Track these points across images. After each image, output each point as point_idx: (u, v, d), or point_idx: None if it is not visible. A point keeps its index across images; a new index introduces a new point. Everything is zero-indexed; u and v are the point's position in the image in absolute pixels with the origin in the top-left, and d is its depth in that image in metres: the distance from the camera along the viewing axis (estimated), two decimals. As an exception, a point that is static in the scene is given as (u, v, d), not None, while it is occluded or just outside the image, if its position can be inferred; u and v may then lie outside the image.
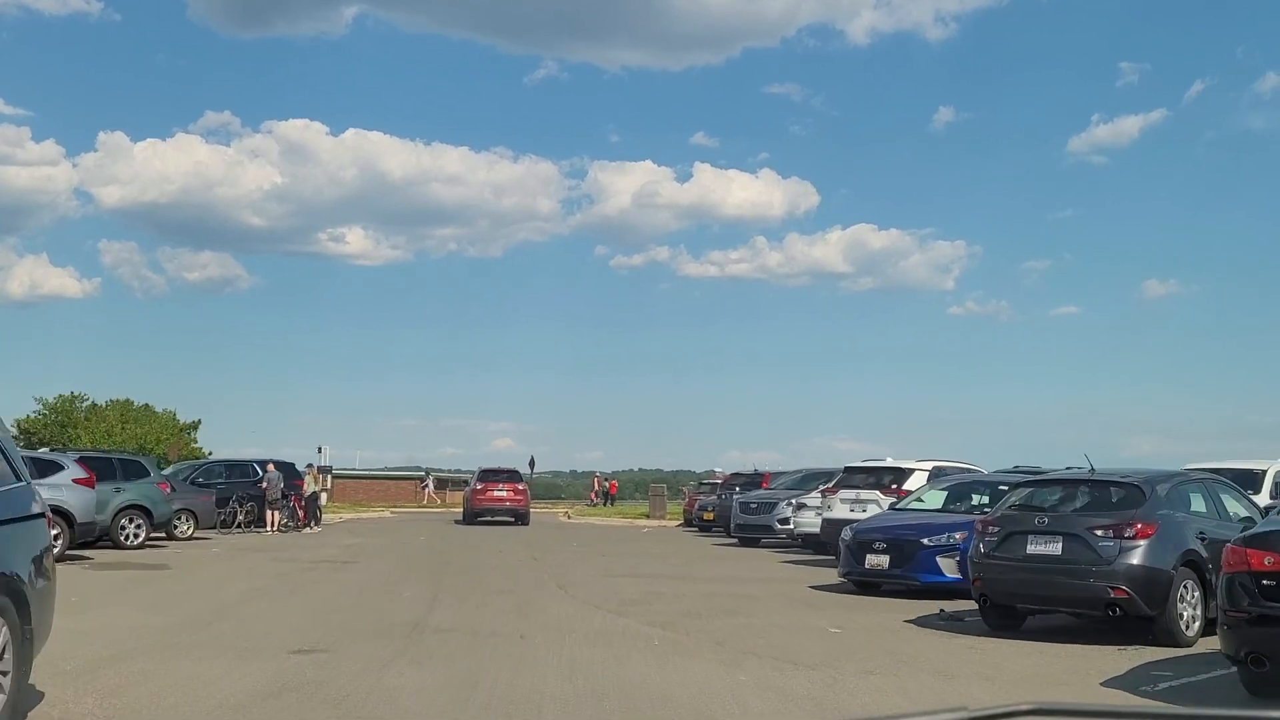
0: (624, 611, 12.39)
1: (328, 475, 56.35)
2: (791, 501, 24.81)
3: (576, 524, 38.55)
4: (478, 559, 20.48)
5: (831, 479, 25.52)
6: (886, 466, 19.37)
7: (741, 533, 25.77)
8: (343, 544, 24.74)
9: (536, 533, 31.01)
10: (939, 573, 13.94)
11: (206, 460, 35.16)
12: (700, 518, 32.90)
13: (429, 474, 62.17)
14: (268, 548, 22.98)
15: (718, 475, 57.09)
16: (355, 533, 30.06)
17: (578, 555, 21.75)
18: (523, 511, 35.16)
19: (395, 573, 17.25)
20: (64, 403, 75.87)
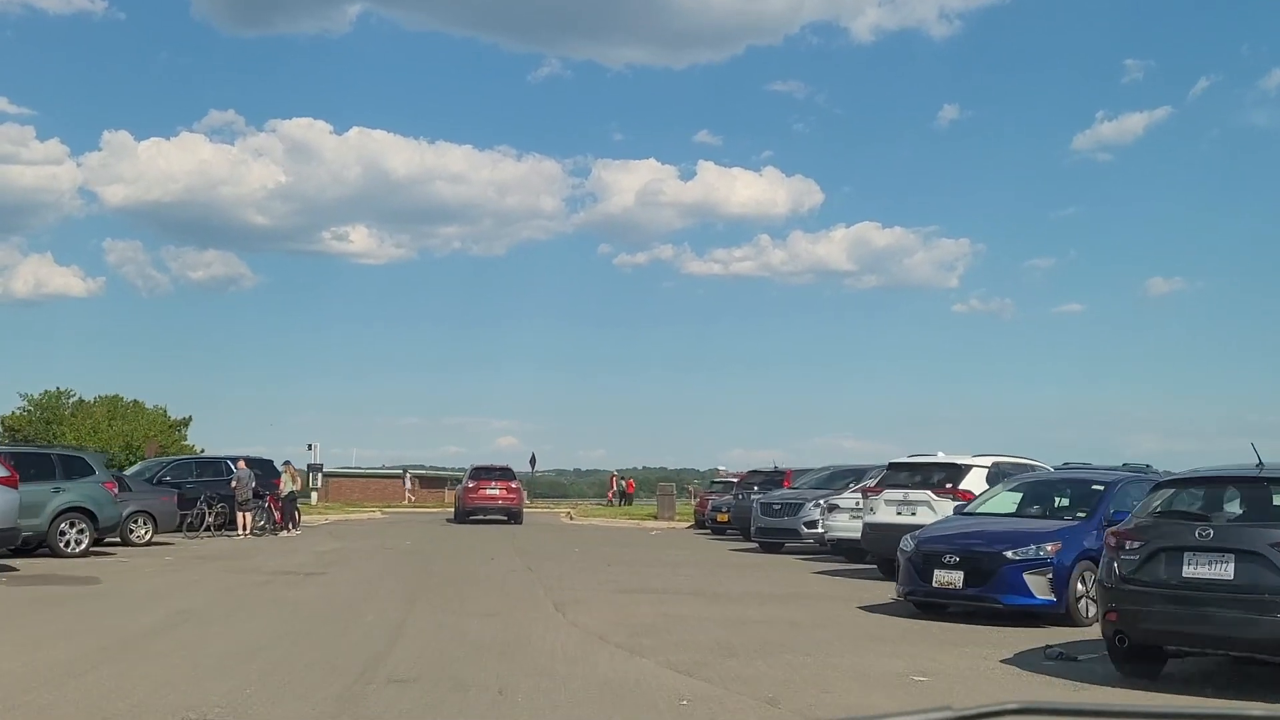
0: (637, 646, 9.72)
1: (318, 473, 54.01)
2: (820, 502, 22.13)
3: (579, 525, 35.89)
4: (464, 568, 17.83)
5: (861, 477, 22.91)
6: (938, 462, 16.68)
7: (763, 537, 23.10)
8: (318, 550, 22.10)
9: (535, 535, 28.38)
10: (1026, 593, 11.27)
11: (176, 457, 32.52)
12: (713, 519, 30.25)
13: (407, 472, 59.39)
14: (230, 555, 20.34)
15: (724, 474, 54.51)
16: (337, 536, 27.42)
17: (579, 564, 19.10)
18: (516, 510, 34.12)
19: (364, 587, 14.59)
20: (50, 399, 73.29)
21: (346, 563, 18.98)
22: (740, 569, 18.60)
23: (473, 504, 34.19)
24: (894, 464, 17.10)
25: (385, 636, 10.13)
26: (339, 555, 20.72)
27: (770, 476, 27.81)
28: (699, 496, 35.57)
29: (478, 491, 34.17)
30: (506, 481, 34.56)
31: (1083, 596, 11.42)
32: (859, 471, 23.61)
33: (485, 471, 35.08)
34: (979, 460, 16.34)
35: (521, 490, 35.99)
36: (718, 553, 23.05)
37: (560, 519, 40.23)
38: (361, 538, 26.66)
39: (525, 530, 31.08)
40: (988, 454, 16.65)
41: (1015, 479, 13.99)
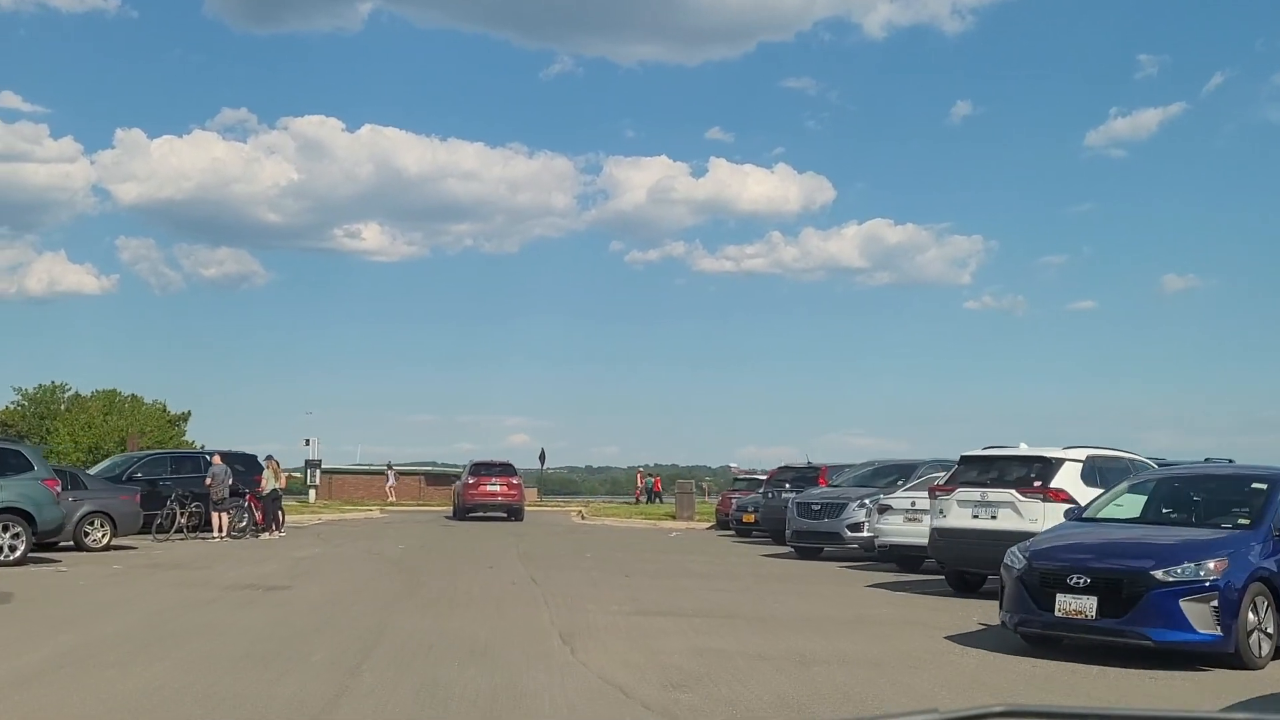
0: (673, 708, 7.03)
1: (315, 470, 51.37)
2: (865, 503, 19.43)
3: (591, 526, 33.21)
4: (457, 581, 15.15)
5: (909, 473, 20.21)
6: (1022, 456, 13.91)
7: (800, 541, 20.36)
8: (295, 555, 19.47)
9: (541, 537, 25.73)
10: (1185, 627, 8.52)
11: (150, 452, 29.91)
12: (738, 520, 27.52)
13: (390, 467, 56.76)
14: (190, 563, 17.71)
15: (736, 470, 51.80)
16: (324, 539, 24.79)
17: (592, 574, 16.40)
18: (517, 507, 33.20)
19: (329, 609, 11.90)
20: (44, 393, 70.98)
21: (320, 573, 16.31)
22: (782, 581, 15.85)
23: (472, 501, 33.02)
24: (967, 458, 14.33)
25: (329, 690, 7.44)
26: (315, 563, 18.06)
27: (803, 473, 25.06)
28: (721, 495, 32.81)
29: (477, 488, 33.03)
30: (507, 477, 33.42)
31: (1254, 630, 8.69)
32: (906, 467, 20.89)
33: (485, 467, 33.80)
34: (1071, 453, 13.58)
35: (522, 487, 34.66)
36: (749, 559, 20.32)
37: (571, 518, 37.57)
38: (350, 540, 24.02)
39: (532, 531, 28.43)
40: (1080, 445, 13.88)
41: (1141, 476, 11.24)
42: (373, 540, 24.18)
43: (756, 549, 22.98)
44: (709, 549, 23.21)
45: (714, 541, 26.05)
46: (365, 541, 23.73)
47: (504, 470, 33.88)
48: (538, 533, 28.18)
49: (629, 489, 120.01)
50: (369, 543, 23.28)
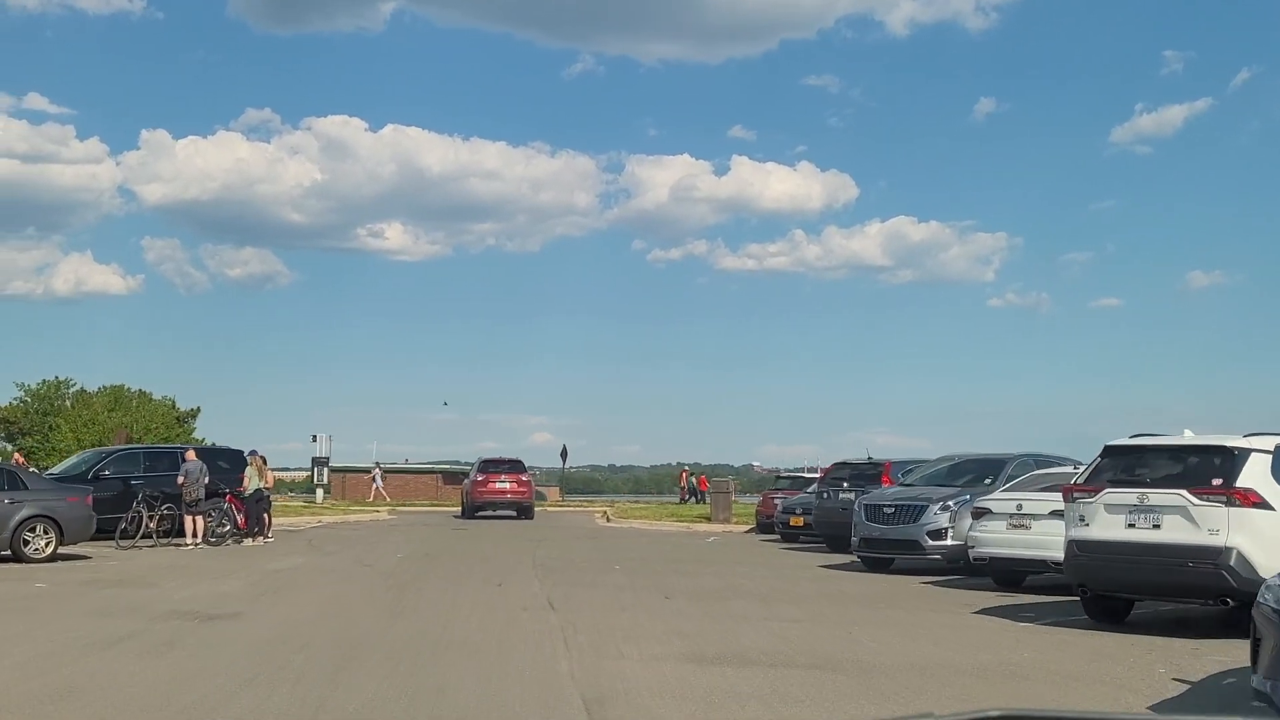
0: None
1: (323, 468, 48.31)
2: (949, 505, 16.20)
3: (617, 529, 30.03)
4: (454, 605, 12.00)
5: (999, 471, 16.97)
6: (1192, 445, 10.60)
7: (870, 550, 17.11)
8: (269, 568, 16.40)
9: (562, 543, 22.58)
10: None
11: (122, 447, 26.91)
12: (785, 523, 24.30)
13: (378, 466, 53.19)
14: (139, 578, 14.65)
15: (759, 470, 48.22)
16: (315, 545, 21.73)
17: (624, 595, 13.22)
18: (526, 504, 32.30)
19: (268, 654, 8.75)
20: (48, 389, 68.45)
21: (288, 594, 13.20)
22: (863, 605, 12.59)
23: (480, 498, 32.05)
24: (1113, 449, 11.00)
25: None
26: (288, 579, 14.95)
27: (861, 470, 21.75)
28: (762, 495, 29.57)
29: (485, 485, 31.98)
30: (516, 474, 32.26)
31: None
32: (991, 463, 17.65)
33: (493, 464, 32.61)
34: (1257, 441, 10.27)
35: (532, 484, 33.49)
36: (808, 572, 17.08)
37: (595, 519, 34.39)
38: (343, 548, 20.93)
39: (551, 534, 25.30)
40: (1266, 433, 10.58)
41: None
42: (369, 547, 21.08)
43: (811, 558, 19.74)
44: (756, 558, 19.98)
45: (759, 548, 22.81)
46: (360, 548, 20.63)
47: (513, 467, 32.61)
48: (558, 537, 25.04)
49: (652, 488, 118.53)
50: (364, 550, 20.18)
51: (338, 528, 28.53)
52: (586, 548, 21.79)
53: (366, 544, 22.08)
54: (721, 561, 18.96)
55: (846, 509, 20.58)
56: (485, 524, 30.70)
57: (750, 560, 19.30)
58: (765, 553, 21.38)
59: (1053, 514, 13.34)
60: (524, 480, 32.56)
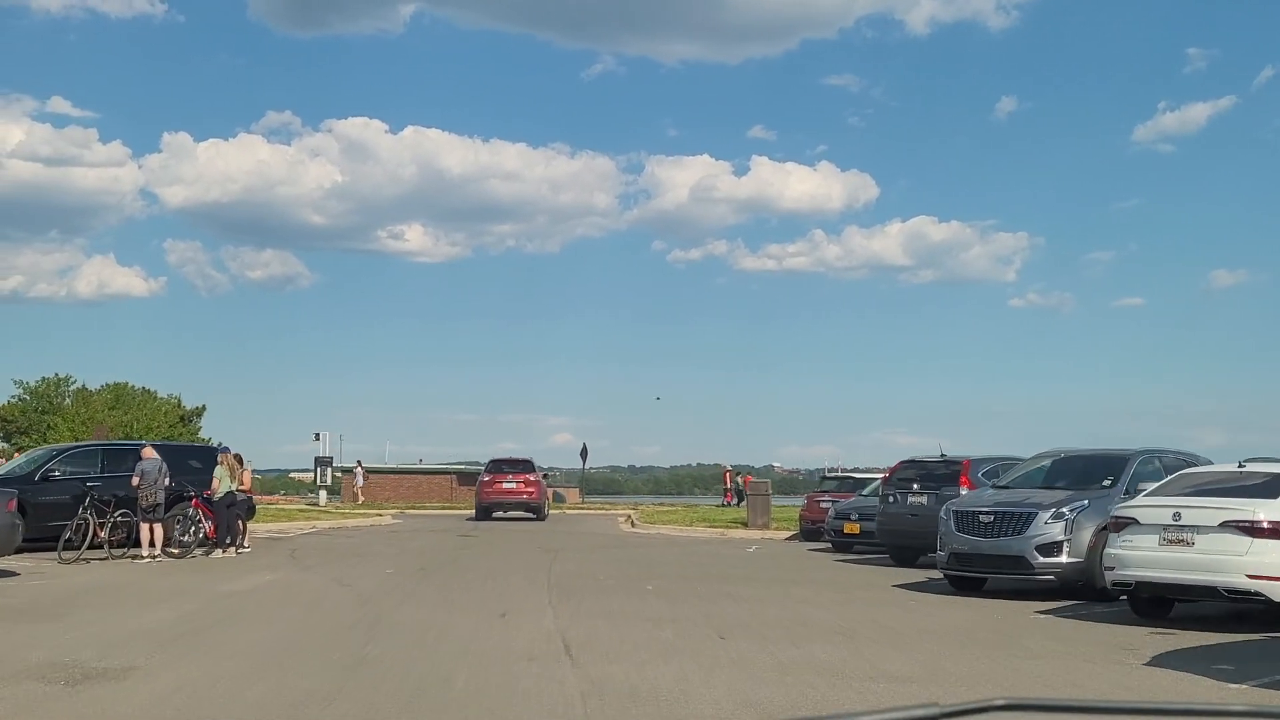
0: None
1: (327, 468, 45.37)
2: (1064, 512, 13.01)
3: (643, 535, 26.89)
4: (437, 649, 8.89)
5: (1120, 470, 13.83)
6: None
7: (962, 567, 13.89)
8: (219, 591, 13.35)
9: (582, 553, 19.47)
10: None
11: (79, 444, 23.94)
12: (837, 530, 21.13)
13: (359, 465, 49.86)
14: (49, 605, 11.62)
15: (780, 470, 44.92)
16: (295, 557, 18.70)
17: (662, 629, 10.08)
18: (537, 505, 31.31)
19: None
20: (47, 387, 65.91)
21: (222, 631, 10.12)
22: (991, 650, 9.35)
23: (489, 499, 31.31)
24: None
25: None
26: (235, 608, 11.87)
27: (929, 470, 18.48)
28: (806, 498, 26.36)
29: (493, 485, 31.24)
30: (524, 474, 31.25)
31: None
32: (1109, 460, 14.53)
33: (502, 464, 31.80)
34: None
35: (543, 484, 32.20)
36: (884, 594, 13.90)
37: (618, 524, 31.26)
38: (326, 561, 17.88)
39: (570, 542, 22.21)
40: None
41: None
42: (356, 560, 18.02)
43: (877, 574, 16.58)
44: (813, 573, 16.81)
45: (810, 560, 19.63)
46: (346, 562, 17.58)
47: (522, 467, 31.61)
48: (578, 546, 21.94)
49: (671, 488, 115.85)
50: (349, 564, 17.13)
51: (332, 534, 25.51)
52: (611, 560, 18.67)
53: (355, 555, 19.02)
54: (773, 579, 15.79)
55: (918, 515, 17.45)
56: (497, 529, 27.66)
57: (807, 577, 16.12)
58: (820, 566, 18.21)
59: (1224, 526, 10.20)
60: (533, 480, 31.38)
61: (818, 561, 19.18)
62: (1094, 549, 12.87)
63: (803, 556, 20.46)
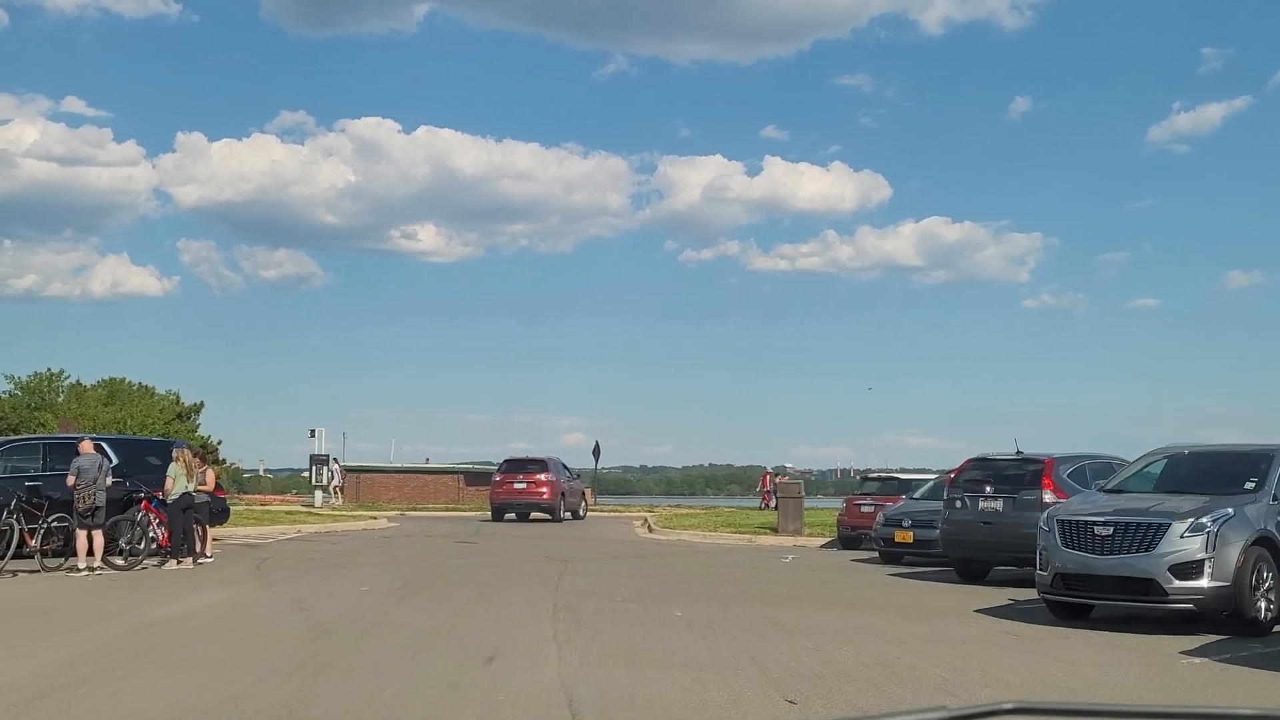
0: None
1: (322, 467, 42.69)
2: (1206, 524, 10.36)
3: (663, 541, 24.19)
4: None
5: (1267, 470, 11.11)
6: None
7: (1069, 591, 11.13)
8: (148, 618, 10.76)
9: (595, 565, 16.79)
10: None
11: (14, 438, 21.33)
12: (887, 539, 18.46)
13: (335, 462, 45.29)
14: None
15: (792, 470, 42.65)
16: (261, 571, 16.08)
17: (705, 685, 7.40)
18: (549, 505, 30.17)
19: None
20: (39, 381, 63.53)
21: (131, 674, 7.48)
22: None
23: (500, 499, 30.52)
24: None
25: None
26: (151, 644, 9.21)
27: (1001, 470, 15.68)
28: (845, 501, 23.62)
29: (504, 486, 30.47)
30: (535, 475, 30.13)
31: None
32: (1245, 457, 11.80)
33: (514, 464, 30.87)
34: None
35: (557, 485, 30.58)
36: (967, 623, 11.17)
37: (634, 528, 28.58)
38: (295, 574, 15.25)
39: (581, 551, 19.55)
40: None
41: None
42: (331, 572, 15.40)
43: (946, 593, 13.89)
44: (870, 593, 14.09)
45: (859, 574, 16.93)
46: (315, 577, 14.97)
47: (535, 467, 30.47)
48: (590, 554, 19.30)
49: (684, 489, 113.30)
50: (318, 580, 14.51)
51: (315, 540, 22.88)
52: (628, 574, 15.98)
53: (332, 567, 16.41)
54: (826, 599, 13.09)
55: (991, 523, 14.79)
56: (502, 534, 25.04)
57: (865, 598, 13.41)
58: (874, 583, 15.50)
59: None
60: (545, 480, 30.12)
61: (868, 576, 16.48)
62: (1243, 570, 10.20)
63: (848, 569, 17.76)
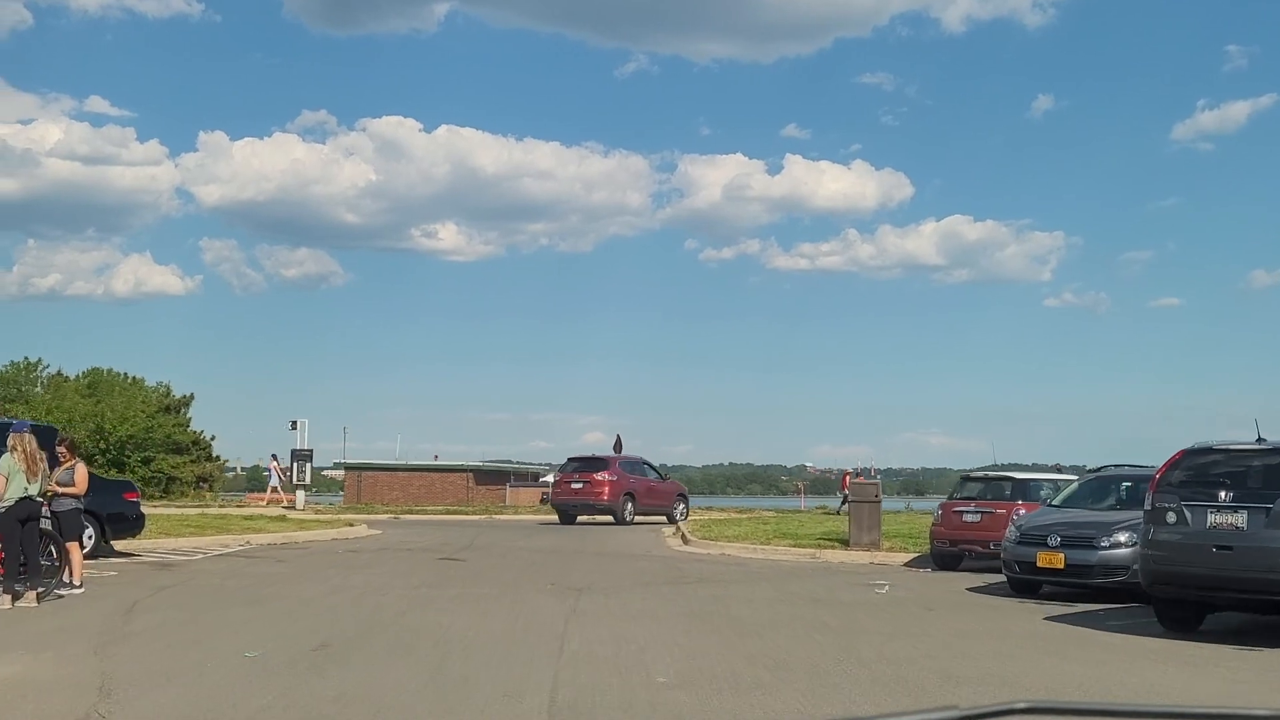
0: None
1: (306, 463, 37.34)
2: None
3: (703, 557, 19.00)
4: None
5: None
6: None
7: None
8: None
9: (620, 605, 11.66)
10: None
11: None
12: (1024, 562, 13.24)
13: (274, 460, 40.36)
14: None
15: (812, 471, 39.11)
16: (135, 613, 11.07)
17: None
18: (607, 506, 27.66)
19: None
20: (15, 371, 59.10)
21: None
22: None
23: (558, 500, 29.28)
24: None
25: None
26: None
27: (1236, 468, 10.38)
28: (940, 507, 18.34)
29: (562, 486, 29.05)
30: (592, 474, 27.92)
31: None
32: None
33: (574, 463, 28.98)
34: None
35: (617, 482, 27.69)
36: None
37: (664, 538, 23.41)
38: (170, 624, 10.21)
39: (599, 581, 14.46)
40: None
41: None
42: (228, 617, 10.35)
43: (1162, 653, 8.76)
44: (1037, 654, 8.88)
45: (994, 615, 11.75)
46: (201, 626, 9.93)
47: (594, 465, 28.27)
48: (611, 579, 14.22)
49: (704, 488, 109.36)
50: (199, 633, 9.49)
51: (258, 557, 17.82)
52: (671, 621, 10.82)
53: (237, 606, 11.35)
54: (998, 677, 7.89)
55: (1230, 546, 9.63)
56: (502, 547, 19.97)
57: (1041, 668, 8.20)
58: (1038, 637, 10.27)
59: None
60: (603, 479, 27.57)
61: (1015, 621, 11.30)
62: None
63: (975, 608, 12.56)
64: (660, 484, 29.75)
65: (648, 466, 29.93)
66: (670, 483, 30.79)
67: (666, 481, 30.51)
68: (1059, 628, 10.82)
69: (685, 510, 29.66)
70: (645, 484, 29.00)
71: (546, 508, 38.70)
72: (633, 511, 28.00)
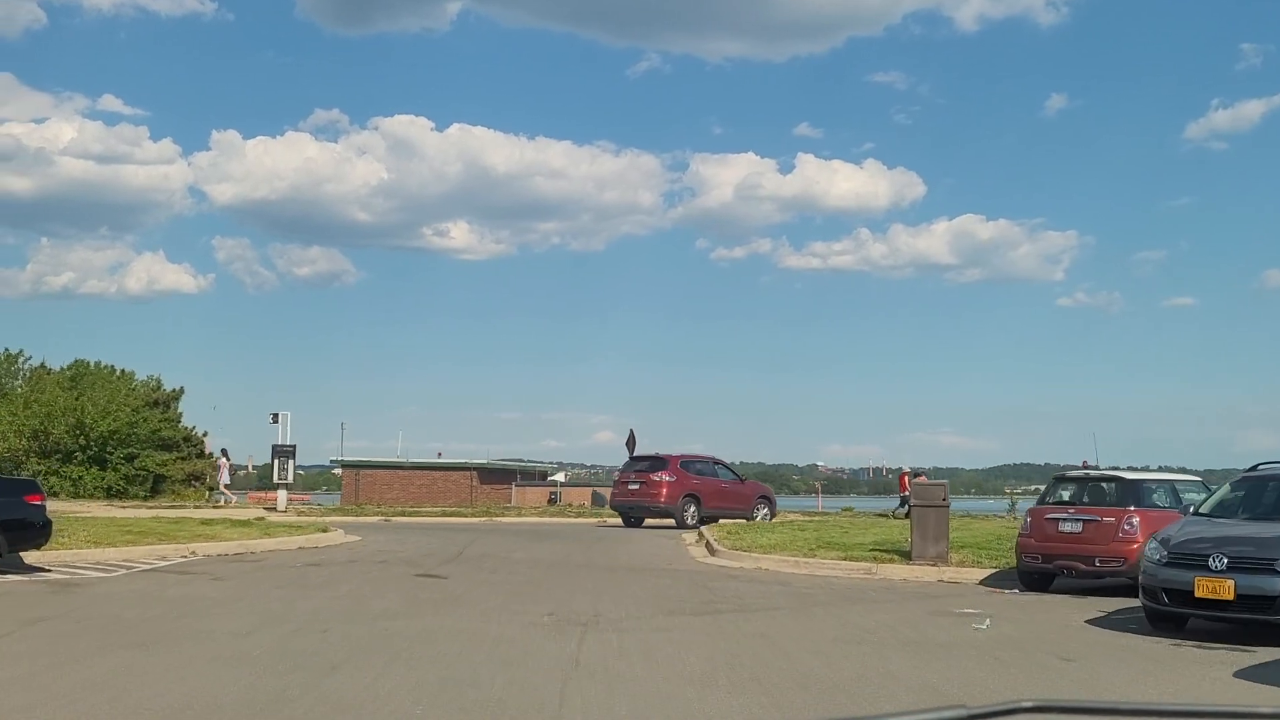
0: None
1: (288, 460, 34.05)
2: None
3: (735, 572, 15.74)
4: None
5: None
6: None
7: None
8: None
9: (640, 644, 8.47)
10: None
11: None
12: (1176, 590, 10.00)
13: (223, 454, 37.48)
14: None
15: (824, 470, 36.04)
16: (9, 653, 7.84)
17: None
18: (670, 509, 25.61)
19: None
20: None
21: None
22: None
23: (615, 502, 27.76)
24: None
25: None
26: None
27: None
28: (1029, 514, 15.06)
29: (620, 486, 27.59)
30: (649, 474, 26.06)
31: None
32: None
33: (632, 462, 27.52)
34: None
35: (675, 483, 25.67)
36: None
37: (685, 546, 20.17)
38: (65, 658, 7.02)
39: (610, 604, 11.30)
40: None
41: None
42: (109, 657, 7.16)
43: None
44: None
45: (1151, 668, 8.55)
46: (68, 673, 6.72)
47: (649, 464, 26.46)
48: (625, 604, 11.04)
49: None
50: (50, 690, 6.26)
51: (195, 573, 14.61)
52: (704, 675, 7.59)
53: (110, 651, 8.18)
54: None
55: None
56: (496, 556, 16.82)
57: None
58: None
59: None
60: (658, 479, 25.65)
61: (1187, 675, 8.07)
62: None
63: (1125, 654, 9.33)
64: (735, 485, 26.90)
65: (720, 466, 27.18)
66: (750, 484, 27.97)
67: (745, 483, 27.64)
68: (1263, 688, 7.58)
69: (770, 515, 26.73)
70: (714, 485, 26.20)
71: (553, 509, 35.63)
72: (696, 515, 25.43)
